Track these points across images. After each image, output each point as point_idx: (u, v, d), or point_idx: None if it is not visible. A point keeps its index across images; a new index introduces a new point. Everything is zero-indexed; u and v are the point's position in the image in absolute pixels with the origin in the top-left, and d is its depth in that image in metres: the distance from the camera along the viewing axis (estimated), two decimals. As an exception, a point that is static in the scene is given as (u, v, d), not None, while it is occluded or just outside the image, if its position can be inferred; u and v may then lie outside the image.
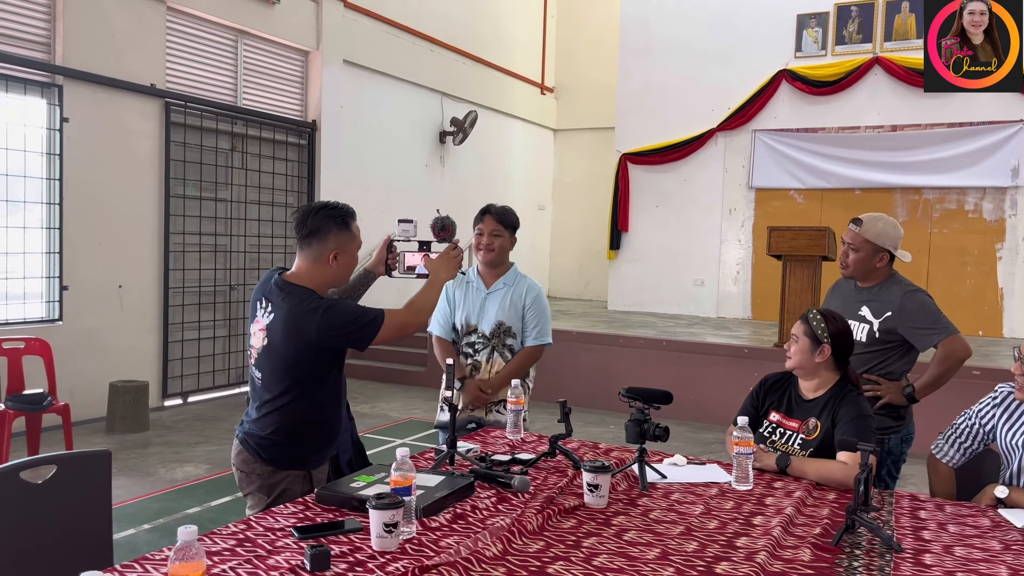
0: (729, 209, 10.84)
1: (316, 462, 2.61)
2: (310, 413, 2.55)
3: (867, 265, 3.27)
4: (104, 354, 6.72)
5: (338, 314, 2.47)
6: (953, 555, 1.98)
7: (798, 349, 2.79)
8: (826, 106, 10.15)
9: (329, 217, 2.57)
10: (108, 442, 6.00)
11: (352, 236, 2.60)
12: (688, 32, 10.92)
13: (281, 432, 2.53)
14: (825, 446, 2.66)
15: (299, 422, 2.54)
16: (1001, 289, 9.42)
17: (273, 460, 2.55)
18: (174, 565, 1.46)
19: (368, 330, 2.47)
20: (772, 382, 2.94)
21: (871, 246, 3.24)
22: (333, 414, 2.63)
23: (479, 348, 3.50)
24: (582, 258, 13.37)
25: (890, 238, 3.27)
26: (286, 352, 2.49)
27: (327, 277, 2.57)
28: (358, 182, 9.26)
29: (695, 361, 7.54)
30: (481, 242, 3.50)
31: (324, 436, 2.61)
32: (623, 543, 2.01)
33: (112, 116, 6.75)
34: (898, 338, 3.17)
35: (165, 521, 4.43)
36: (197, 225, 7.55)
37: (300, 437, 2.55)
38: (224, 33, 7.85)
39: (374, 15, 9.49)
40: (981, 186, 9.45)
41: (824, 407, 2.72)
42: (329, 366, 2.56)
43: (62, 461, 2.30)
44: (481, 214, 3.51)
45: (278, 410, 2.52)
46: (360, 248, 2.64)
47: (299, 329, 2.45)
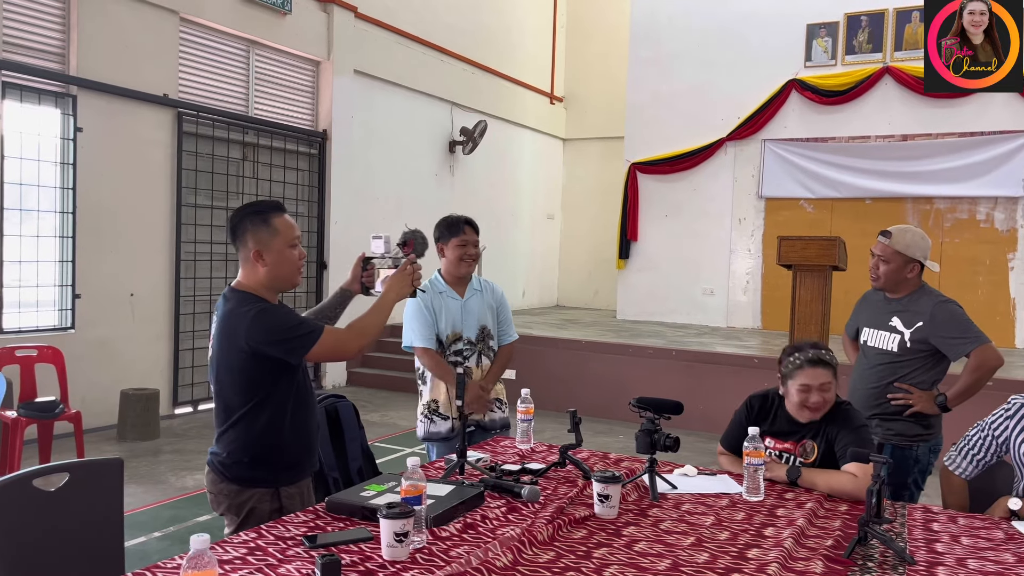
0: (739, 219, 10.82)
1: (287, 479, 2.47)
2: (265, 430, 2.40)
3: (898, 276, 3.29)
4: (115, 362, 6.75)
5: (268, 320, 2.35)
6: (967, 567, 1.97)
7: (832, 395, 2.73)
8: (836, 116, 10.13)
9: (243, 215, 2.45)
10: (119, 450, 6.03)
11: (272, 230, 2.41)
12: (697, 42, 10.93)
13: (238, 451, 2.42)
14: (826, 464, 2.64)
15: (254, 439, 2.41)
16: (1013, 299, 9.36)
17: (236, 479, 2.43)
18: (187, 573, 1.47)
19: (299, 343, 2.34)
20: (759, 404, 2.88)
21: (902, 257, 3.26)
22: (293, 431, 2.46)
23: (467, 354, 3.55)
24: (591, 267, 13.37)
25: (920, 249, 3.29)
26: (226, 361, 2.40)
27: (262, 279, 2.43)
28: (368, 191, 9.30)
29: (705, 371, 7.52)
30: (465, 253, 3.53)
31: (287, 453, 2.46)
32: (634, 554, 2.00)
33: (125, 126, 6.80)
34: (929, 348, 3.20)
35: (176, 529, 4.44)
36: (208, 234, 7.59)
37: (259, 455, 2.41)
38: (236, 44, 7.92)
39: (385, 25, 9.55)
40: (992, 196, 9.41)
41: (819, 428, 2.69)
42: (274, 378, 2.40)
43: (75, 469, 2.31)
44: (460, 225, 3.55)
45: (232, 427, 2.42)
46: (292, 244, 2.45)
47: (231, 333, 2.37)
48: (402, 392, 8.45)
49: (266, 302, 2.41)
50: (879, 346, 3.32)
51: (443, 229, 3.57)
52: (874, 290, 3.45)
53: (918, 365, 3.22)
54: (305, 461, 2.55)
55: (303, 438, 2.52)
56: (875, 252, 3.34)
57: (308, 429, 2.54)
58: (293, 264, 2.47)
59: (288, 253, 2.45)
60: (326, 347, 2.39)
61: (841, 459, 2.60)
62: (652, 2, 11.35)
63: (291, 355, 2.38)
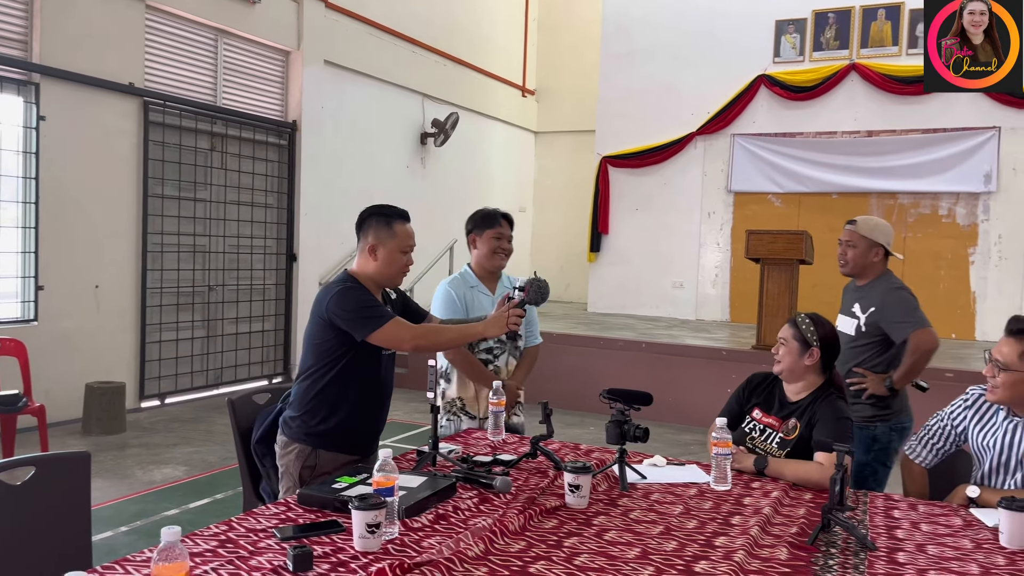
0: (708, 212, 10.93)
1: (325, 444, 2.69)
2: (321, 395, 2.68)
3: (864, 260, 3.51)
4: (80, 355, 6.65)
5: (348, 296, 2.63)
6: (926, 553, 2.02)
7: (787, 352, 2.81)
8: (804, 111, 10.26)
9: (372, 212, 2.77)
10: (84, 444, 5.94)
11: (391, 233, 2.71)
12: (668, 37, 11.00)
13: (294, 406, 2.74)
14: (802, 446, 2.71)
15: (310, 400, 2.70)
16: (973, 293, 9.57)
17: (285, 433, 2.74)
18: (157, 566, 1.46)
19: (364, 323, 2.59)
20: (758, 382, 2.98)
21: (867, 241, 3.48)
22: (349, 407, 2.70)
23: (498, 353, 3.47)
24: (562, 260, 13.42)
25: (883, 234, 3.51)
26: (310, 327, 2.72)
27: (370, 271, 2.72)
28: (339, 183, 9.24)
29: (674, 363, 7.59)
30: (500, 246, 3.46)
31: (332, 422, 2.69)
32: (604, 543, 2.03)
33: (90, 115, 6.69)
34: (881, 333, 3.38)
35: (143, 523, 4.40)
36: (176, 225, 7.49)
37: (307, 414, 2.70)
38: (204, 32, 7.81)
39: (355, 16, 9.47)
40: (955, 191, 9.60)
41: (805, 409, 2.76)
42: (341, 348, 2.65)
43: (41, 463, 2.28)
44: (496, 217, 3.48)
45: (297, 386, 2.76)
46: (404, 250, 2.72)
47: (319, 302, 2.68)
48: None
49: (359, 285, 2.68)
50: (843, 331, 3.47)
51: (477, 220, 3.50)
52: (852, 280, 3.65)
53: (874, 349, 3.40)
54: (351, 438, 2.75)
55: (355, 419, 2.73)
56: (842, 240, 3.55)
57: (363, 412, 2.75)
58: (399, 267, 2.76)
59: (398, 256, 2.74)
60: (386, 335, 2.61)
61: (815, 445, 2.65)
62: (623, -4, 11.39)
63: (355, 331, 2.61)
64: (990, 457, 2.55)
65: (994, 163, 9.34)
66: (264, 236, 8.49)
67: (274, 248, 8.65)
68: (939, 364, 7.16)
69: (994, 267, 9.45)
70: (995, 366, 2.48)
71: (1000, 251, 9.41)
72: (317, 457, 2.69)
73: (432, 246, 9.97)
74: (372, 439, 2.86)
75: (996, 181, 9.36)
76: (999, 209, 9.41)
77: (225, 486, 5.09)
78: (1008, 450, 2.50)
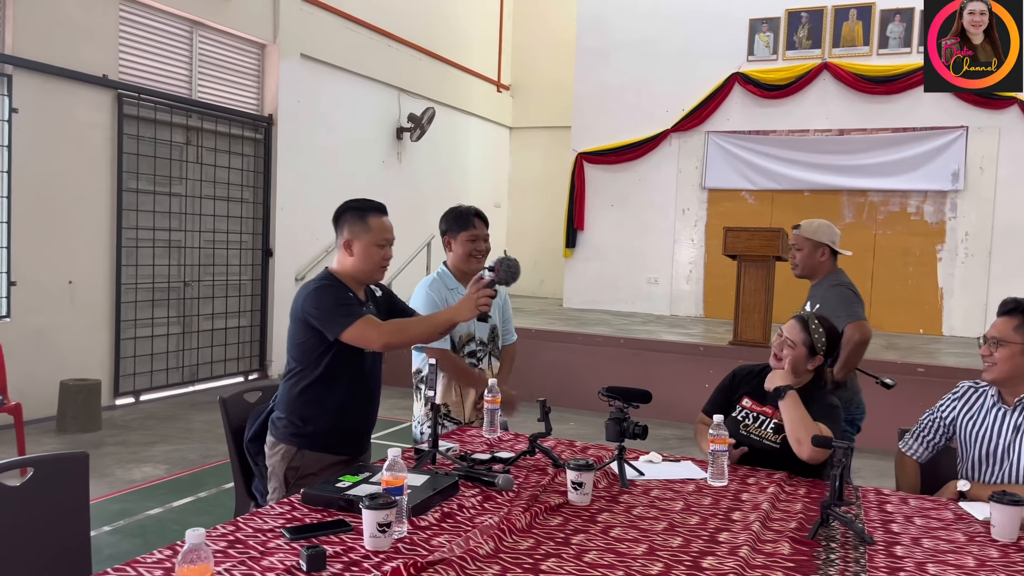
0: (682, 209, 11.03)
1: (308, 444, 2.67)
2: (303, 394, 2.67)
3: (812, 261, 3.78)
4: (53, 352, 6.54)
5: (322, 295, 2.61)
6: (922, 547, 2.08)
7: (794, 356, 2.83)
8: (777, 109, 10.39)
9: (346, 207, 2.73)
10: (60, 442, 5.84)
11: (366, 227, 2.67)
12: (643, 34, 11.07)
13: (280, 407, 2.73)
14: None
15: (293, 399, 2.69)
16: (941, 289, 9.78)
17: (272, 433, 2.72)
18: (182, 568, 1.46)
19: (335, 321, 2.57)
20: (745, 374, 3.03)
21: (811, 243, 3.76)
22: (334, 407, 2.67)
23: (481, 355, 3.44)
24: (537, 256, 13.43)
25: (827, 235, 3.77)
26: (291, 327, 2.72)
27: (348, 267, 2.70)
28: (315, 177, 9.17)
29: (652, 359, 7.66)
30: (476, 248, 3.38)
31: (318, 423, 2.67)
32: (610, 539, 2.06)
33: (63, 107, 6.56)
34: None
35: (126, 523, 4.34)
36: (151, 220, 7.39)
37: (292, 415, 2.68)
38: (179, 24, 7.69)
39: (332, 9, 9.40)
40: (923, 190, 9.80)
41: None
42: (321, 347, 2.62)
43: (40, 464, 2.25)
44: (469, 218, 3.39)
45: (283, 385, 2.75)
46: (379, 243, 2.68)
47: (297, 300, 2.68)
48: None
49: (337, 282, 2.66)
50: None
51: (451, 221, 3.40)
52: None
53: None
54: (338, 438, 2.72)
55: (341, 418, 2.70)
56: (790, 244, 3.86)
57: (350, 411, 2.72)
58: (375, 261, 2.70)
59: (373, 251, 2.69)
60: (355, 333, 2.57)
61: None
62: (599, -7, 11.44)
63: (327, 330, 2.58)
64: (976, 447, 2.63)
65: (961, 162, 9.55)
66: (240, 231, 8.40)
67: (250, 243, 8.56)
68: (911, 359, 7.33)
69: (961, 264, 9.67)
70: (991, 343, 2.56)
71: (967, 248, 9.63)
72: (302, 458, 2.67)
73: (408, 242, 9.92)
74: (362, 437, 2.84)
75: (963, 180, 9.56)
76: (966, 207, 9.62)
77: (208, 484, 5.04)
78: (996, 438, 2.59)
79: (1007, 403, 2.61)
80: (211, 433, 6.27)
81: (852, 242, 9.97)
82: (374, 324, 2.60)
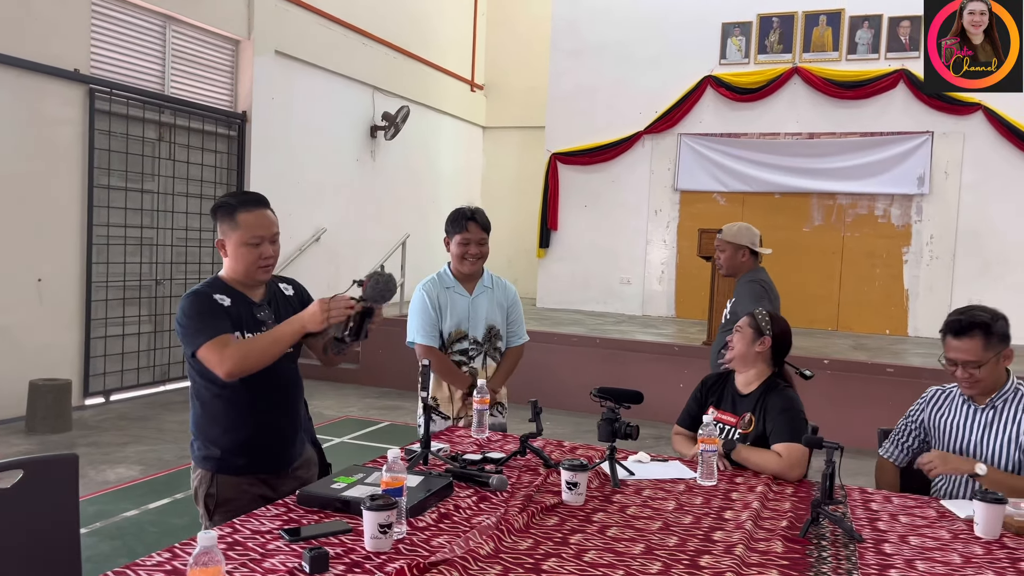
0: (655, 210, 11.12)
1: (221, 467, 2.46)
2: (204, 408, 2.48)
3: (734, 261, 4.14)
4: (21, 351, 6.41)
5: (185, 304, 2.42)
6: (909, 544, 2.14)
7: (740, 338, 3.00)
8: (748, 112, 10.53)
9: (219, 204, 2.51)
10: (30, 443, 5.74)
11: (234, 224, 2.43)
12: (617, 36, 11.14)
13: (191, 427, 2.56)
14: (761, 439, 2.84)
15: (196, 418, 2.52)
16: (907, 291, 9.99)
17: (192, 457, 2.55)
18: (194, 570, 1.46)
19: (189, 339, 2.36)
20: (712, 382, 3.14)
21: (732, 245, 4.13)
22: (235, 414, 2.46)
23: (473, 355, 3.43)
24: (510, 255, 13.45)
25: (746, 237, 4.13)
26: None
27: (228, 267, 2.51)
28: (288, 175, 9.09)
29: (627, 359, 7.72)
30: (468, 251, 3.37)
31: (221, 441, 2.46)
32: (608, 539, 2.09)
33: (33, 102, 6.44)
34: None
35: (103, 524, 4.28)
36: (122, 217, 7.27)
37: (200, 431, 2.50)
38: (152, 19, 7.58)
39: (306, 6, 9.33)
40: (890, 193, 9.99)
41: (757, 400, 2.91)
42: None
43: (29, 466, 2.22)
44: (464, 220, 3.37)
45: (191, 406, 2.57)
46: (250, 242, 2.42)
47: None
48: (325, 381, 8.34)
49: (202, 290, 2.45)
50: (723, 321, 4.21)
51: (449, 222, 3.40)
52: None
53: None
54: (253, 456, 2.49)
55: (254, 434, 2.49)
56: (716, 247, 4.22)
57: (262, 425, 2.49)
58: (248, 262, 2.46)
59: (243, 251, 2.44)
60: (204, 353, 2.34)
61: (771, 436, 2.81)
62: (573, -6, 11.49)
63: (184, 345, 2.40)
64: (947, 443, 2.72)
65: (927, 167, 9.75)
66: (213, 229, 8.28)
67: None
68: (879, 360, 7.48)
69: (926, 266, 9.88)
70: (970, 367, 2.61)
71: (932, 251, 9.85)
72: (217, 483, 2.45)
73: (382, 240, 9.90)
74: (281, 452, 2.56)
75: (929, 184, 9.77)
76: (931, 211, 9.84)
77: (184, 485, 4.97)
78: (968, 435, 2.68)
79: (978, 402, 2.70)
80: (184, 433, 6.16)
81: (821, 244, 10.19)
82: (216, 349, 2.32)
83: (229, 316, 2.43)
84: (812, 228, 10.27)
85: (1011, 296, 8.99)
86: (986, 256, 9.59)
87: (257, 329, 2.48)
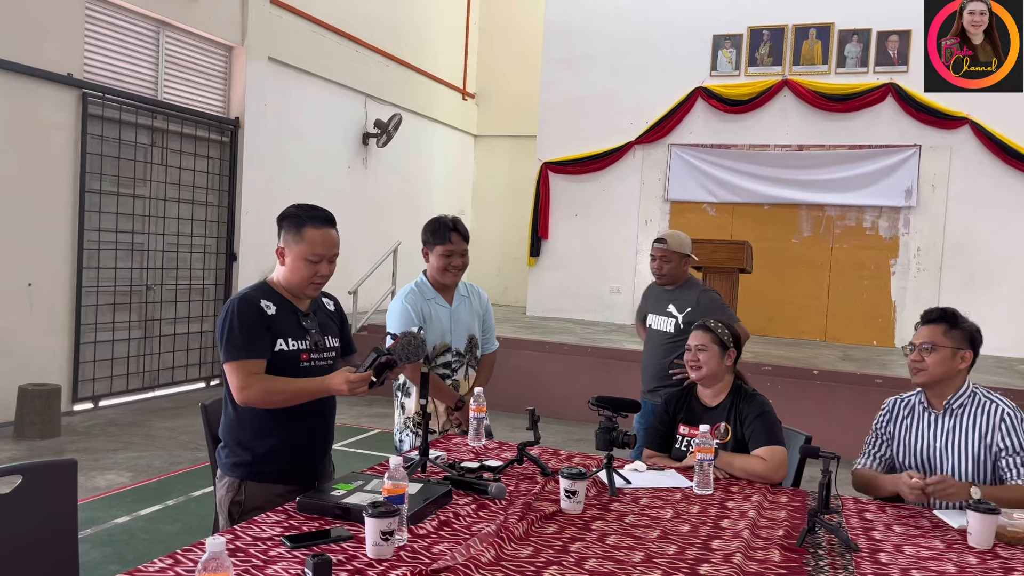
0: (645, 220, 11.17)
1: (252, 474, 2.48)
2: (239, 415, 2.50)
3: (678, 271, 4.17)
4: (10, 356, 6.37)
5: (226, 313, 2.45)
6: (904, 553, 2.17)
7: (709, 356, 3.01)
8: (739, 124, 10.61)
9: (287, 213, 2.55)
10: (18, 449, 5.70)
11: (299, 237, 2.47)
12: (609, 46, 11.21)
13: (222, 433, 2.59)
14: (740, 446, 2.89)
15: (228, 425, 2.55)
16: (894, 302, 10.07)
17: (218, 464, 2.58)
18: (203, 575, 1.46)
19: (225, 349, 2.42)
20: (675, 400, 3.16)
21: (678, 255, 4.14)
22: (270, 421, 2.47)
23: (456, 367, 3.40)
24: (501, 263, 13.50)
25: (688, 247, 4.20)
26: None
27: (281, 275, 2.54)
28: (280, 181, 9.09)
29: (619, 368, 7.74)
30: (451, 263, 3.31)
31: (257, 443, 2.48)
32: (607, 547, 2.10)
33: (26, 106, 6.42)
34: None
35: (94, 531, 4.25)
36: (114, 222, 7.25)
37: (232, 438, 2.53)
38: (146, 24, 7.58)
39: (300, 13, 9.34)
40: (878, 205, 10.08)
41: (730, 410, 2.97)
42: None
43: (28, 471, 2.21)
44: (447, 231, 3.30)
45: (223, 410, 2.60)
46: (310, 258, 2.46)
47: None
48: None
49: (245, 299, 2.47)
50: (660, 328, 4.16)
51: (429, 233, 3.33)
52: (653, 284, 4.30)
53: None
54: (284, 464, 2.52)
55: (286, 442, 2.51)
56: (655, 256, 4.17)
57: (295, 432, 2.52)
58: (303, 276, 2.50)
59: (301, 265, 2.48)
60: (230, 370, 2.43)
61: (750, 442, 2.87)
62: (566, 4, 11.55)
63: (220, 349, 2.45)
64: (911, 455, 2.76)
65: (914, 179, 9.85)
66: (204, 235, 8.29)
67: (214, 247, 8.45)
68: (868, 371, 7.54)
69: (913, 278, 9.97)
70: (922, 349, 2.68)
71: (919, 263, 9.94)
72: (245, 491, 2.46)
73: (374, 249, 9.89)
74: (313, 462, 2.60)
75: (916, 197, 9.87)
76: (918, 223, 9.93)
77: (176, 492, 4.96)
78: (932, 443, 2.73)
79: (935, 408, 2.73)
80: (175, 440, 6.17)
81: (809, 255, 10.27)
82: (247, 373, 2.38)
83: (273, 325, 2.46)
84: (801, 239, 10.35)
85: (997, 308, 9.11)
86: (972, 268, 9.68)
87: (301, 338, 2.52)
